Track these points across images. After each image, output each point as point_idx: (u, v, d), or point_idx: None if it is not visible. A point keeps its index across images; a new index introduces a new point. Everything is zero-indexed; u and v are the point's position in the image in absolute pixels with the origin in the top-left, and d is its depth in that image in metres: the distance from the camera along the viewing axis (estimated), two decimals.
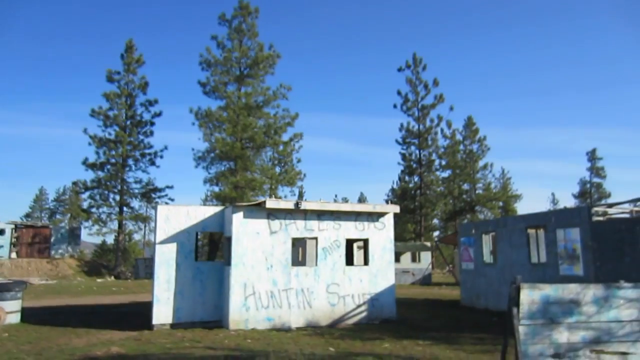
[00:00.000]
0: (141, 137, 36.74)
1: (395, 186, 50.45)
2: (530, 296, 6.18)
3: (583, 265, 12.60)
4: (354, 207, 13.46)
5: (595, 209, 13.15)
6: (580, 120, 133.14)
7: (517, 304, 6.21)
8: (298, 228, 12.64)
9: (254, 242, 12.06)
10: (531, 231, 15.00)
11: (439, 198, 44.95)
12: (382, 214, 13.51)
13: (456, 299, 18.36)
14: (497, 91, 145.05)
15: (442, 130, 44.57)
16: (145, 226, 52.44)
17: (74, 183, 36.86)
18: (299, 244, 26.18)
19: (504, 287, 14.50)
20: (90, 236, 38.84)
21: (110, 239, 45.70)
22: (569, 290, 6.51)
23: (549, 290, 6.46)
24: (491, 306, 15.30)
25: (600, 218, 13.13)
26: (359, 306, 12.81)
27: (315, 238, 12.83)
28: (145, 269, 33.24)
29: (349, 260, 14.49)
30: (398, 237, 45.71)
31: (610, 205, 13.53)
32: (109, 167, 35.81)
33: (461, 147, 47.53)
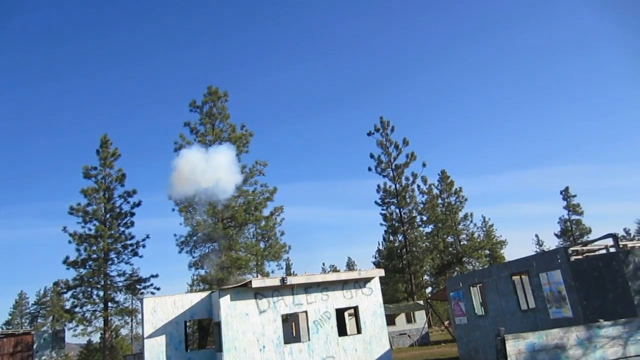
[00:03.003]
0: (122, 229, 36.44)
1: (381, 247, 50.54)
2: (516, 347, 6.34)
3: (570, 306, 12.75)
4: (339, 275, 13.58)
5: (572, 248, 13.53)
6: (551, 160, 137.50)
7: (505, 356, 6.35)
8: (287, 304, 12.62)
9: (244, 325, 11.96)
10: (516, 277, 15.21)
11: (425, 254, 45.05)
12: (368, 279, 13.62)
13: (456, 356, 18.08)
14: (467, 140, 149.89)
15: (418, 186, 45.65)
16: (132, 319, 50.68)
17: (55, 283, 35.78)
18: (291, 319, 25.69)
19: None
20: (75, 337, 37.05)
21: (96, 338, 43.89)
22: (552, 336, 6.71)
23: (533, 338, 6.65)
24: (490, 359, 15.12)
25: (579, 257, 13.48)
26: None
27: (305, 312, 12.80)
28: None
29: (342, 330, 14.37)
30: (390, 299, 45.19)
31: (585, 244, 13.95)
32: (90, 263, 35.10)
33: (439, 201, 48.41)
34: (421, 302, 34.02)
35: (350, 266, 77.74)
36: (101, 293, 35.37)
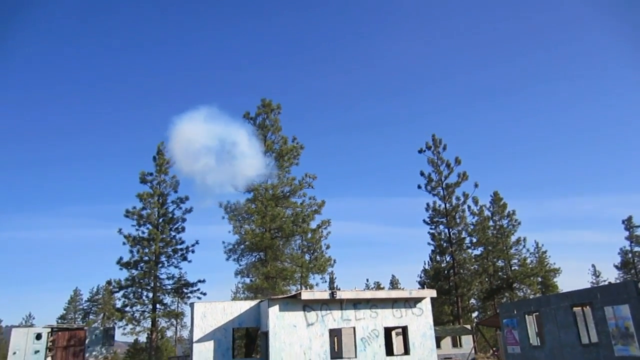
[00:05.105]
0: (173, 233, 37.46)
1: (427, 267, 49.38)
2: None
3: (639, 344, 11.90)
4: (390, 294, 13.32)
5: None
6: (610, 187, 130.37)
7: None
8: (335, 318, 12.48)
9: (291, 336, 11.90)
10: (577, 309, 14.39)
11: (473, 277, 43.59)
12: (419, 300, 13.27)
13: None
14: (521, 163, 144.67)
15: (469, 207, 44.25)
16: (177, 322, 51.85)
17: (108, 282, 37.29)
18: (334, 333, 25.42)
19: None
20: (124, 336, 38.23)
21: (143, 338, 45.07)
22: None
23: None
24: None
25: None
26: None
27: (353, 328, 12.60)
28: None
29: (389, 349, 14.03)
30: (436, 321, 43.64)
31: None
32: (142, 265, 36.25)
33: (490, 223, 46.80)
34: (468, 326, 32.87)
35: (393, 284, 76.36)
36: (150, 295, 36.41)
